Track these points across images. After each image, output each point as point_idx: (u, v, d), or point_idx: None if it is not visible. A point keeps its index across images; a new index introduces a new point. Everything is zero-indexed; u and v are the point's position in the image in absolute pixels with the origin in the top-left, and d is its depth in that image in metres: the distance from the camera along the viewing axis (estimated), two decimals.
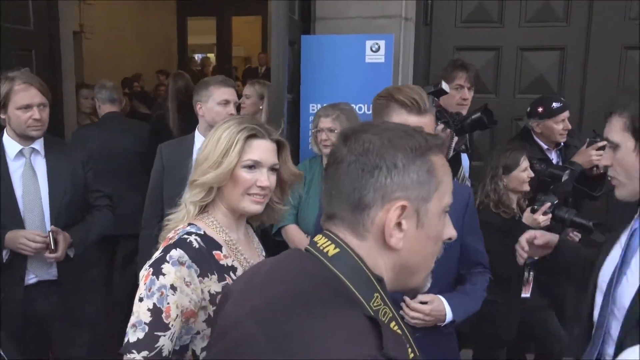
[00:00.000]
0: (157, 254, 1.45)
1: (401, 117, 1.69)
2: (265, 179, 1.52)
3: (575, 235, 3.06)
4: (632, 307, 1.52)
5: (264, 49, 11.38)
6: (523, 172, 2.86)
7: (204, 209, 1.55)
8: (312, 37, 3.51)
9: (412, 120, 1.67)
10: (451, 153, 2.93)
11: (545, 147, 3.24)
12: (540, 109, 3.17)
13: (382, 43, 3.28)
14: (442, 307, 1.84)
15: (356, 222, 0.96)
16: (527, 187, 2.88)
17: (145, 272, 1.42)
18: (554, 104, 3.15)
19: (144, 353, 1.34)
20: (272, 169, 1.55)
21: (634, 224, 1.59)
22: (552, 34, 3.70)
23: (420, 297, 1.84)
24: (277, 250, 1.16)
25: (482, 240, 2.06)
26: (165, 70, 8.82)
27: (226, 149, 1.48)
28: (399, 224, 0.94)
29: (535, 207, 2.69)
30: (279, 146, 1.59)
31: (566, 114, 3.15)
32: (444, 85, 2.69)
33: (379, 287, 0.94)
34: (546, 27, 3.70)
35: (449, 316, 1.85)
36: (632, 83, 3.66)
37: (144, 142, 3.97)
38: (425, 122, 1.70)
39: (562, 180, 2.85)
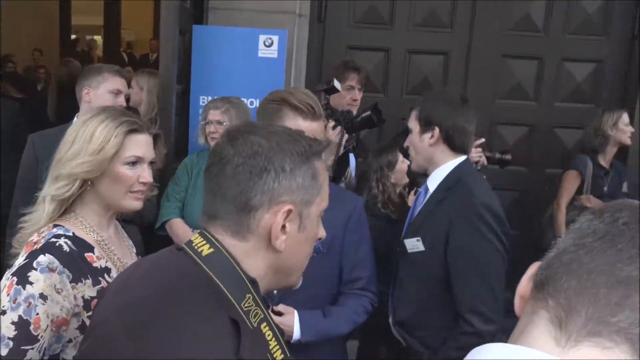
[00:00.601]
0: (20, 260, 1.32)
1: (295, 122, 1.66)
2: (147, 174, 1.47)
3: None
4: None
5: (155, 35, 10.92)
6: (403, 163, 2.98)
7: (69, 208, 1.44)
8: (204, 27, 3.42)
9: (306, 125, 1.65)
10: (341, 151, 2.98)
11: None
12: None
13: (275, 38, 3.26)
14: (292, 324, 1.76)
15: (240, 224, 0.96)
16: (407, 178, 3.01)
17: (7, 282, 1.28)
18: None
19: None
20: (150, 162, 1.51)
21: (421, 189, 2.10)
22: (438, 39, 3.88)
23: (280, 307, 1.79)
24: (162, 246, 1.12)
25: (371, 254, 1.98)
26: (41, 48, 8.15)
27: (103, 144, 1.39)
28: (283, 227, 0.96)
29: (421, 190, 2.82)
30: (154, 139, 1.55)
31: None
32: (336, 83, 2.72)
33: (251, 289, 0.95)
34: (432, 32, 3.88)
35: (296, 334, 1.77)
36: (506, 89, 3.94)
37: (10, 120, 3.77)
38: (320, 127, 1.71)
39: None
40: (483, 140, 3.23)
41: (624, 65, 3.91)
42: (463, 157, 1.99)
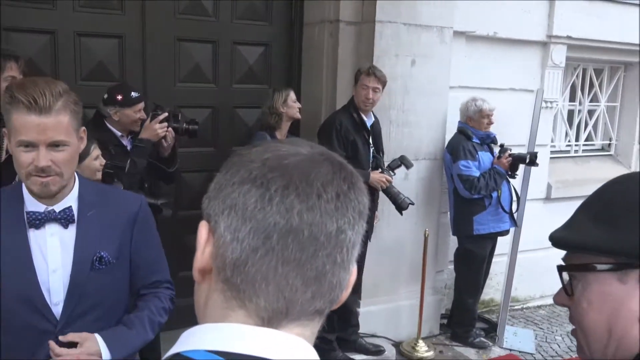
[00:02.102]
0: None
1: (22, 117, 1.48)
2: None
3: None
4: None
5: None
6: (95, 161, 2.79)
7: None
8: None
9: (31, 120, 1.47)
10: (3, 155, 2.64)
11: (119, 134, 3.23)
12: (119, 97, 3.15)
13: None
14: (97, 348, 1.57)
15: None
16: (99, 176, 2.82)
17: None
18: (133, 94, 3.19)
19: None
20: None
21: None
22: (109, 22, 3.68)
23: (71, 336, 1.56)
24: None
25: (162, 250, 1.86)
26: None
27: None
28: None
29: None
30: None
31: (142, 104, 3.22)
32: None
33: None
34: (102, 14, 3.66)
35: (106, 357, 1.59)
36: (185, 72, 3.99)
37: None
38: (50, 122, 1.49)
39: (126, 170, 2.91)
40: (166, 114, 3.19)
41: (287, 48, 4.33)
42: None
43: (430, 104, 4.29)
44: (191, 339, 0.65)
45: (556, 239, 0.90)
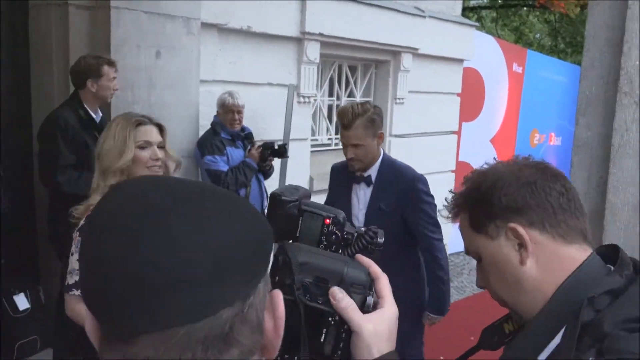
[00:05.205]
0: (83, 222, 1.97)
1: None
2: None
3: None
4: None
5: None
6: None
7: None
8: None
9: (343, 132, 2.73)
10: None
11: None
12: None
13: None
14: None
15: None
16: None
17: (75, 235, 2.03)
18: None
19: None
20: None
21: None
22: None
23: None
24: None
25: None
26: None
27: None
28: None
29: None
30: None
31: None
32: None
33: None
34: None
35: None
36: None
37: None
38: (352, 133, 2.63)
39: None
40: None
41: (9, 33, 3.76)
42: None
43: (180, 98, 4.08)
44: None
45: None
